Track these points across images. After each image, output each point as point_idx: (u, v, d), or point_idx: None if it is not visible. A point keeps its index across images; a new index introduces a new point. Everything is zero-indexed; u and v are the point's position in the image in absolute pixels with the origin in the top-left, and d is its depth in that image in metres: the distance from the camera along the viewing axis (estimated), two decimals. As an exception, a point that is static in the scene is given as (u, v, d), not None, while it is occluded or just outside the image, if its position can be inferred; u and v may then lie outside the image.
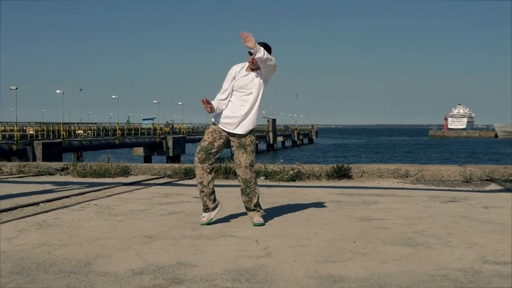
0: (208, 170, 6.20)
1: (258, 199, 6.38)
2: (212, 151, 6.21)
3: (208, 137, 6.24)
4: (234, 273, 4.24)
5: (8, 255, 4.76)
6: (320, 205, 7.61)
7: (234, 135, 6.24)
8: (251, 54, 5.98)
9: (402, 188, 9.70)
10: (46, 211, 7.06)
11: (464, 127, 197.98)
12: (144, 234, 5.67)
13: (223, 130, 6.25)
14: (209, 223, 6.21)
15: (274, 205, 7.64)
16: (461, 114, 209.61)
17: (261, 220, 6.24)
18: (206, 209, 6.28)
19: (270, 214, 6.81)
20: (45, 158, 35.99)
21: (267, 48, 6.07)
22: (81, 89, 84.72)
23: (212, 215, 6.29)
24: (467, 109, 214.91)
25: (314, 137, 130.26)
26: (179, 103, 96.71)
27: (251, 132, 6.30)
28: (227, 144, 6.38)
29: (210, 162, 6.21)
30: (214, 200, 6.32)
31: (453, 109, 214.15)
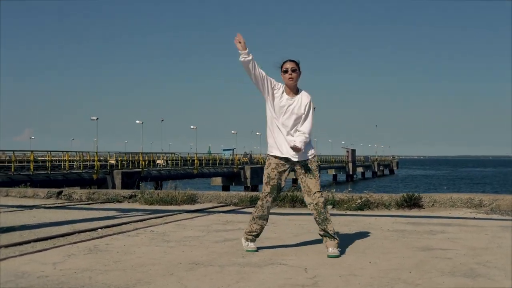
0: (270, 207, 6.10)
1: (332, 226, 5.95)
2: (282, 187, 6.04)
3: (275, 174, 5.96)
4: (274, 302, 4.00)
5: (49, 279, 4.67)
6: (382, 234, 7.27)
7: (299, 162, 5.93)
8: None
9: (474, 218, 9.21)
10: (101, 237, 7.00)
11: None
12: (191, 260, 5.49)
13: (287, 161, 5.94)
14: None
15: (334, 233, 7.36)
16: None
17: (336, 252, 5.77)
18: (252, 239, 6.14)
19: (327, 242, 6.54)
20: (124, 187, 36.60)
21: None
22: (162, 120, 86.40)
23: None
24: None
25: (395, 168, 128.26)
26: (257, 133, 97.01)
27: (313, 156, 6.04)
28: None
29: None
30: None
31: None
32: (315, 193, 5.87)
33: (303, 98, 5.90)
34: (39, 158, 52.73)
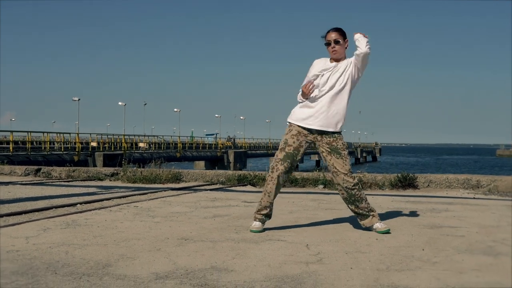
0: (283, 183, 5.38)
1: (367, 202, 5.37)
2: (297, 158, 5.30)
3: (294, 142, 5.28)
4: (276, 280, 3.49)
5: (19, 254, 4.13)
6: (384, 211, 6.80)
7: (322, 135, 5.27)
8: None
9: (474, 198, 8.77)
10: (80, 212, 6.46)
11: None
12: (180, 236, 4.98)
13: (310, 131, 5.28)
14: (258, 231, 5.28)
15: (331, 210, 6.88)
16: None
17: (384, 226, 5.27)
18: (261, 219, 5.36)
19: (326, 219, 6.06)
20: (106, 170, 35.87)
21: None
22: (145, 104, 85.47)
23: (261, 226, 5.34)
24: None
25: (377, 155, 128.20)
26: (241, 117, 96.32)
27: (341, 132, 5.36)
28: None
29: (290, 173, 5.43)
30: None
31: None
32: (343, 174, 5.22)
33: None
34: (19, 140, 51.85)
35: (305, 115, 5.24)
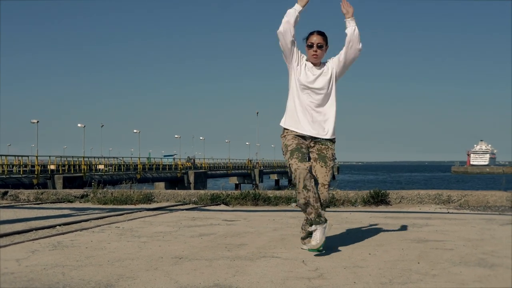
0: (310, 172, 4.88)
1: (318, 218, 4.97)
2: (303, 151, 5.01)
3: (293, 141, 5.00)
4: (285, 296, 3.49)
5: (16, 277, 4.04)
6: (366, 227, 6.85)
7: (315, 141, 5.12)
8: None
9: (449, 213, 8.89)
10: (63, 233, 6.36)
11: (486, 163, 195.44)
12: (173, 255, 4.94)
13: (306, 137, 5.09)
14: (319, 249, 4.91)
15: (314, 227, 6.90)
16: (483, 150, 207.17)
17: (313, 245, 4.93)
18: (319, 221, 4.89)
19: (313, 235, 6.07)
20: (66, 192, 35.39)
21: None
22: (102, 126, 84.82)
23: (327, 228, 4.98)
24: (489, 145, 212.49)
25: (336, 173, 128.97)
26: (201, 137, 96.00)
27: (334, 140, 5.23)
28: None
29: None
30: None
31: (475, 145, 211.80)
32: (321, 184, 5.05)
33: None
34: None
35: (298, 120, 5.09)
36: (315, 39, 5.09)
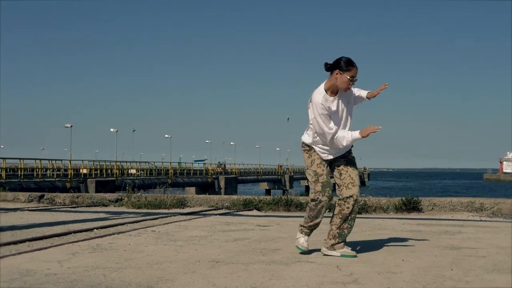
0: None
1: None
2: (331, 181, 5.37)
3: (323, 170, 5.28)
4: (320, 299, 3.58)
5: (59, 277, 4.19)
6: (398, 234, 6.90)
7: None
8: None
9: (481, 220, 8.90)
10: (101, 236, 6.52)
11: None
12: (209, 258, 5.05)
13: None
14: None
15: (347, 233, 6.97)
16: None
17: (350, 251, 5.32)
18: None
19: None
20: (98, 196, 35.78)
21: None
22: (134, 130, 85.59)
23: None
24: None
25: (366, 179, 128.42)
26: (232, 143, 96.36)
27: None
28: None
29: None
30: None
31: (508, 152, 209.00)
32: (358, 186, 5.30)
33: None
34: (9, 167, 51.62)
35: (325, 150, 5.32)
36: (355, 72, 5.14)
